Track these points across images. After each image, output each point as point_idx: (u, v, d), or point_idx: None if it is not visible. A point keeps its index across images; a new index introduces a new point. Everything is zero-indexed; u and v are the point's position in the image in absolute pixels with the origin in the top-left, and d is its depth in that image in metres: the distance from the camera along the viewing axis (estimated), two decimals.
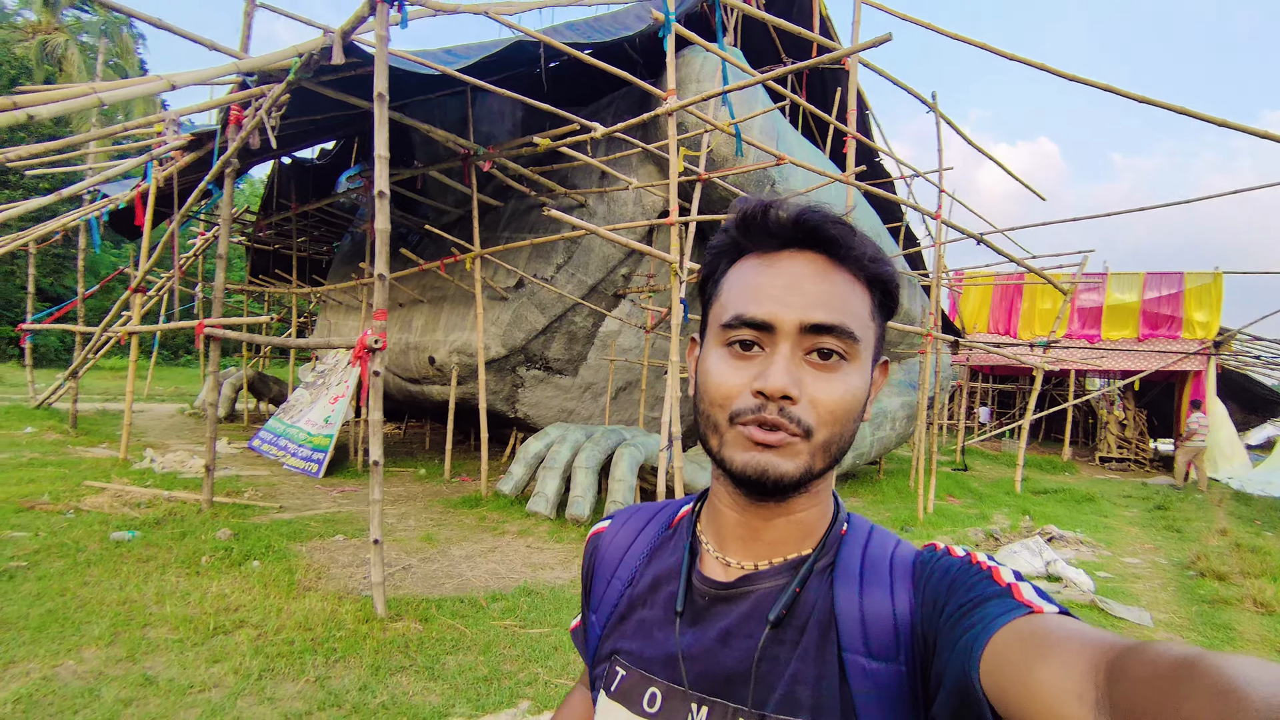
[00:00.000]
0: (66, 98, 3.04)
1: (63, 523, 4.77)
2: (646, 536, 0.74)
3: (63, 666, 2.82)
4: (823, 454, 0.58)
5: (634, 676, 0.65)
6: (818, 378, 0.58)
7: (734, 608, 0.62)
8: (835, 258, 0.59)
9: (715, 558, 0.66)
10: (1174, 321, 13.50)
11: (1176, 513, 8.83)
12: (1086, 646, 0.41)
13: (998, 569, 0.54)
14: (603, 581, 0.74)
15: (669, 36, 4.86)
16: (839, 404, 0.57)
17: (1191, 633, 4.19)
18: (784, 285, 0.58)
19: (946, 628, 0.52)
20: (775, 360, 0.57)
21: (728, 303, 0.61)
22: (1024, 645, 0.44)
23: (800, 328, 0.57)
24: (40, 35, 20.44)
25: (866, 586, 0.60)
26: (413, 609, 3.68)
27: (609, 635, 0.69)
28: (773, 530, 0.63)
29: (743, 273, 0.62)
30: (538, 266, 7.52)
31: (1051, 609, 0.48)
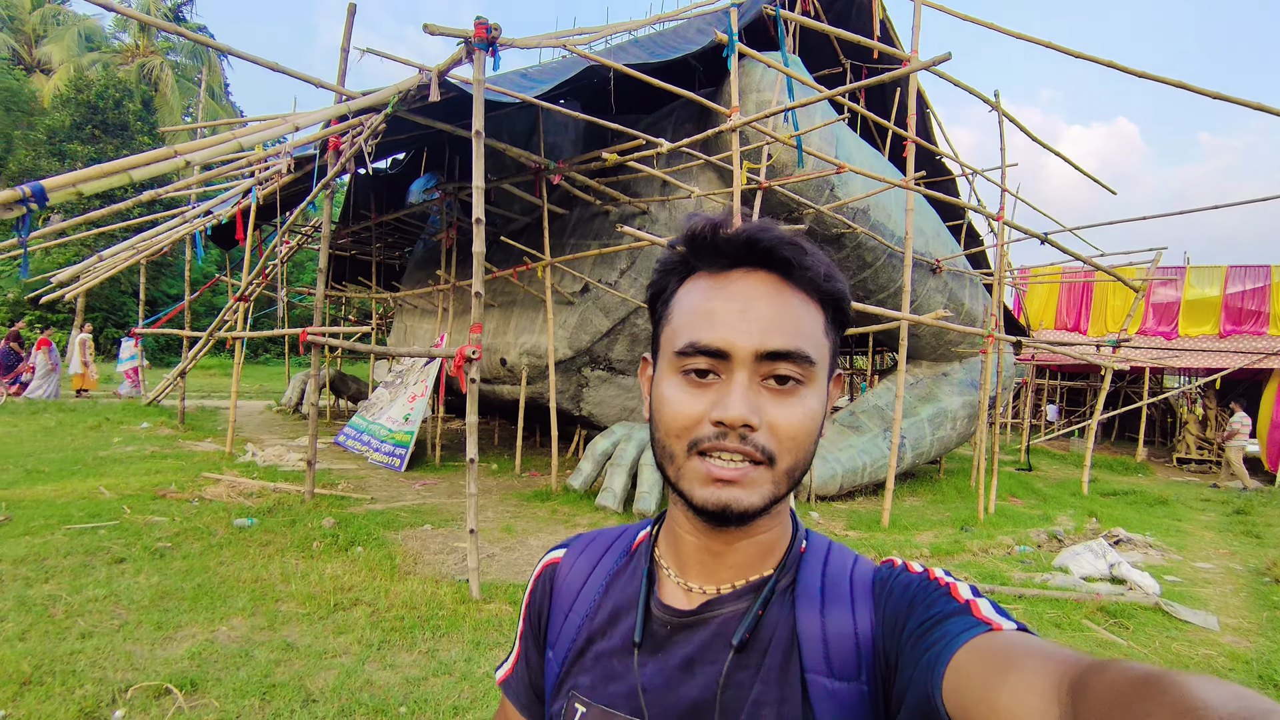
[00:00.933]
0: (214, 144, 3.54)
1: (191, 510, 5.40)
2: (604, 565, 0.72)
3: (219, 631, 3.31)
4: (786, 479, 0.58)
5: (594, 712, 0.63)
6: (776, 403, 0.57)
7: (696, 634, 0.62)
8: (788, 277, 0.59)
9: (676, 583, 0.65)
10: (1260, 317, 12.86)
11: (1258, 517, 8.52)
12: (1049, 664, 0.41)
13: (955, 585, 0.54)
14: (560, 615, 0.72)
15: (733, 56, 5.10)
16: (799, 429, 0.57)
17: (1259, 638, 4.20)
18: (738, 309, 0.57)
19: (908, 646, 0.52)
20: (733, 389, 0.56)
21: (680, 327, 0.60)
22: (985, 663, 0.44)
23: (757, 354, 0.56)
24: (139, 59, 22.06)
25: (828, 606, 0.59)
26: (502, 593, 4.07)
27: (568, 672, 0.67)
28: (734, 553, 0.62)
29: (694, 293, 0.61)
30: (602, 272, 7.88)
31: (1010, 625, 0.48)
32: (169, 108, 22.79)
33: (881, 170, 7.79)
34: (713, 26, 7.09)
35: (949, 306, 8.64)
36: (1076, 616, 4.33)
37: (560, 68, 5.83)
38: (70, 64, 21.33)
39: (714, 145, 6.96)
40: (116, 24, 24.85)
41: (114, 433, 8.94)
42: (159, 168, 3.26)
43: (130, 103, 20.75)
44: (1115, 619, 4.32)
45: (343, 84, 5.70)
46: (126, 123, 20.49)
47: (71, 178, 3.00)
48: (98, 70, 21.39)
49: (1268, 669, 3.65)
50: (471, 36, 3.51)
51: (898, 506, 7.50)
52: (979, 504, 7.36)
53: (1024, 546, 6.26)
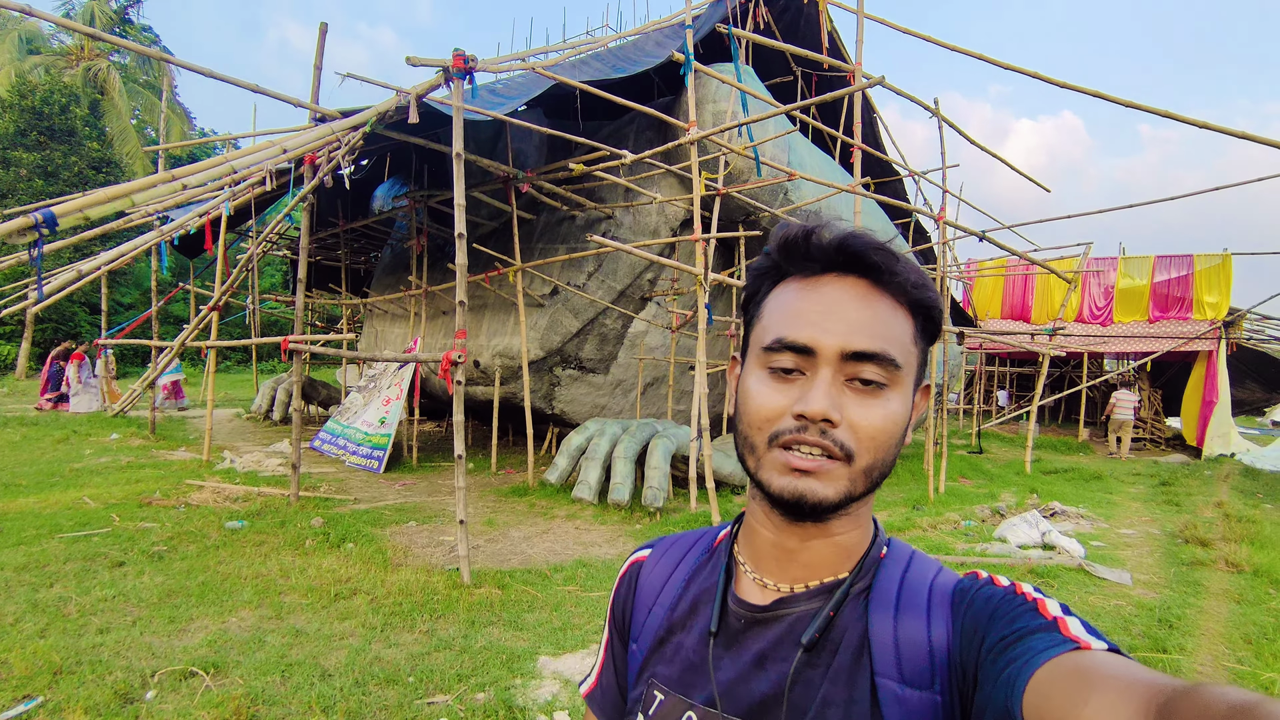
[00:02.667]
0: (209, 168, 3.77)
1: (180, 515, 5.56)
2: (687, 563, 0.75)
3: (230, 622, 3.57)
4: (864, 479, 0.58)
5: (671, 700, 0.65)
6: (859, 403, 0.58)
7: (768, 631, 0.63)
8: (878, 283, 0.59)
9: (752, 579, 0.67)
10: (1184, 303, 13.83)
11: (1180, 488, 9.29)
12: (1136, 686, 0.40)
13: (1044, 601, 0.53)
14: (644, 609, 0.74)
15: (689, 74, 5.48)
16: (880, 430, 0.57)
17: (1165, 590, 4.77)
18: (825, 310, 0.59)
19: (988, 660, 0.51)
20: (816, 384, 0.57)
21: (769, 325, 0.61)
22: (1070, 682, 0.43)
23: (842, 354, 0.57)
24: (84, 62, 21.46)
25: (902, 613, 0.59)
26: (490, 579, 4.39)
27: (649, 661, 0.70)
28: (809, 552, 0.63)
29: (784, 296, 0.62)
30: (571, 275, 8.20)
31: (1100, 645, 0.47)
32: (116, 111, 22.23)
33: (832, 175, 8.28)
34: (670, 40, 7.48)
35: None
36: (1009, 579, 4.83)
37: (527, 84, 6.13)
38: (11, 68, 20.65)
39: (674, 155, 7.35)
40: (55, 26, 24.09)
41: (84, 445, 8.92)
42: (159, 191, 3.48)
43: (77, 107, 20.21)
44: (1042, 579, 4.85)
45: (316, 102, 5.90)
46: (74, 128, 19.96)
47: (80, 203, 3.22)
48: (40, 74, 20.76)
49: (1167, 614, 4.20)
50: (451, 66, 3.80)
51: None
52: (929, 485, 7.91)
53: (969, 521, 6.81)
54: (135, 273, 21.89)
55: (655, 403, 9.63)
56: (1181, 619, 4.11)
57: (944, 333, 8.45)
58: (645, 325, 8.92)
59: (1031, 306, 15.48)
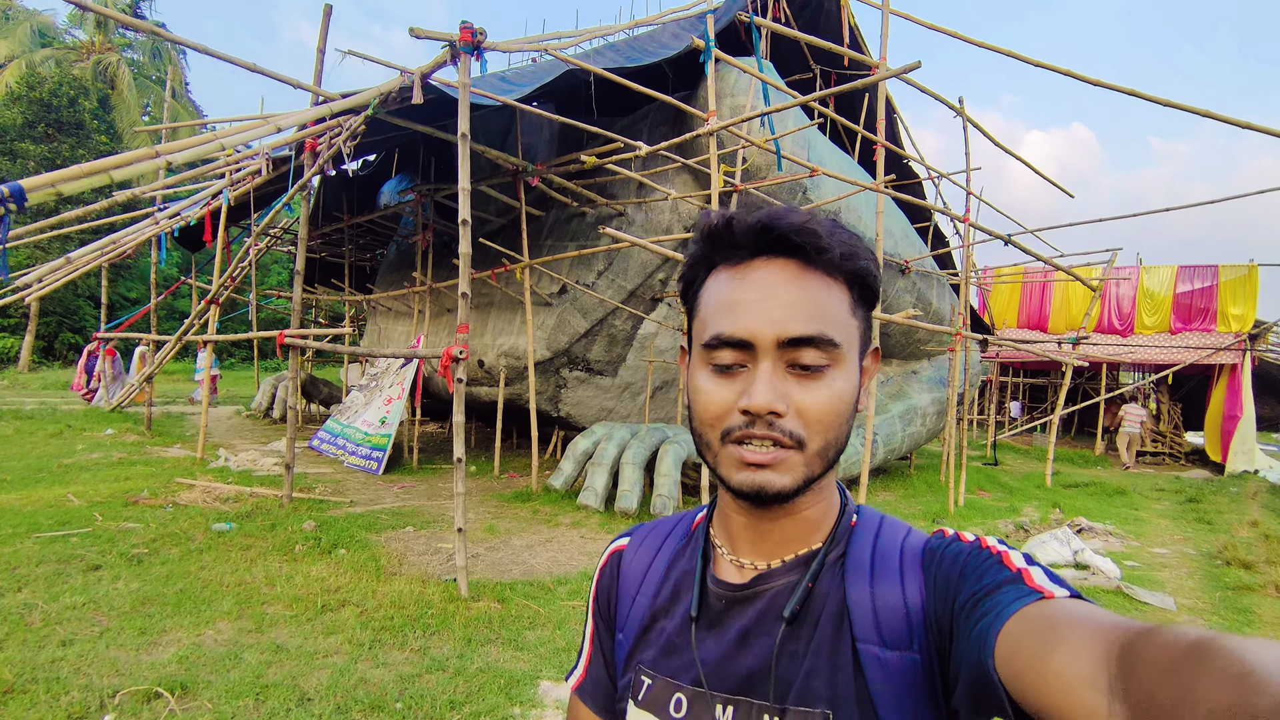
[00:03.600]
0: (195, 144, 3.51)
1: (166, 516, 5.30)
2: (667, 549, 0.75)
3: (205, 635, 3.29)
4: (819, 460, 0.59)
5: (659, 684, 0.67)
6: (803, 388, 0.58)
7: (750, 608, 0.64)
8: (807, 262, 0.59)
9: (729, 560, 0.68)
10: (1208, 314, 13.45)
11: (1208, 505, 8.94)
12: (1099, 631, 0.41)
13: (1007, 553, 0.54)
14: (628, 599, 0.75)
15: (710, 61, 5.20)
16: (827, 411, 0.58)
17: (1213, 616, 4.44)
18: (758, 299, 0.59)
19: (961, 616, 0.52)
20: (758, 377, 0.58)
21: (706, 319, 0.62)
22: (1036, 631, 0.44)
23: (779, 341, 0.58)
24: (94, 56, 21.40)
25: (877, 577, 0.60)
26: (490, 591, 4.10)
27: (636, 647, 0.71)
28: (780, 530, 0.64)
29: (717, 285, 0.62)
30: (580, 273, 7.93)
31: (1063, 593, 0.48)
32: (126, 106, 22.14)
33: (852, 174, 7.99)
34: (687, 31, 7.21)
35: (918, 306, 8.89)
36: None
37: (539, 71, 5.87)
38: (22, 60, 20.57)
39: (690, 148, 7.07)
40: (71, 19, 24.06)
41: (77, 440, 8.69)
42: (139, 168, 3.22)
43: (86, 100, 20.12)
44: None
45: (319, 84, 5.66)
46: (82, 121, 19.87)
47: (51, 178, 2.96)
48: (51, 67, 20.69)
49: None
50: (457, 40, 3.54)
51: (871, 501, 7.70)
52: (949, 498, 7.59)
53: (993, 538, 6.48)
54: (141, 266, 21.75)
55: (664, 407, 9.34)
56: None
57: (965, 340, 8.14)
58: (656, 327, 8.63)
59: (1049, 315, 15.12)
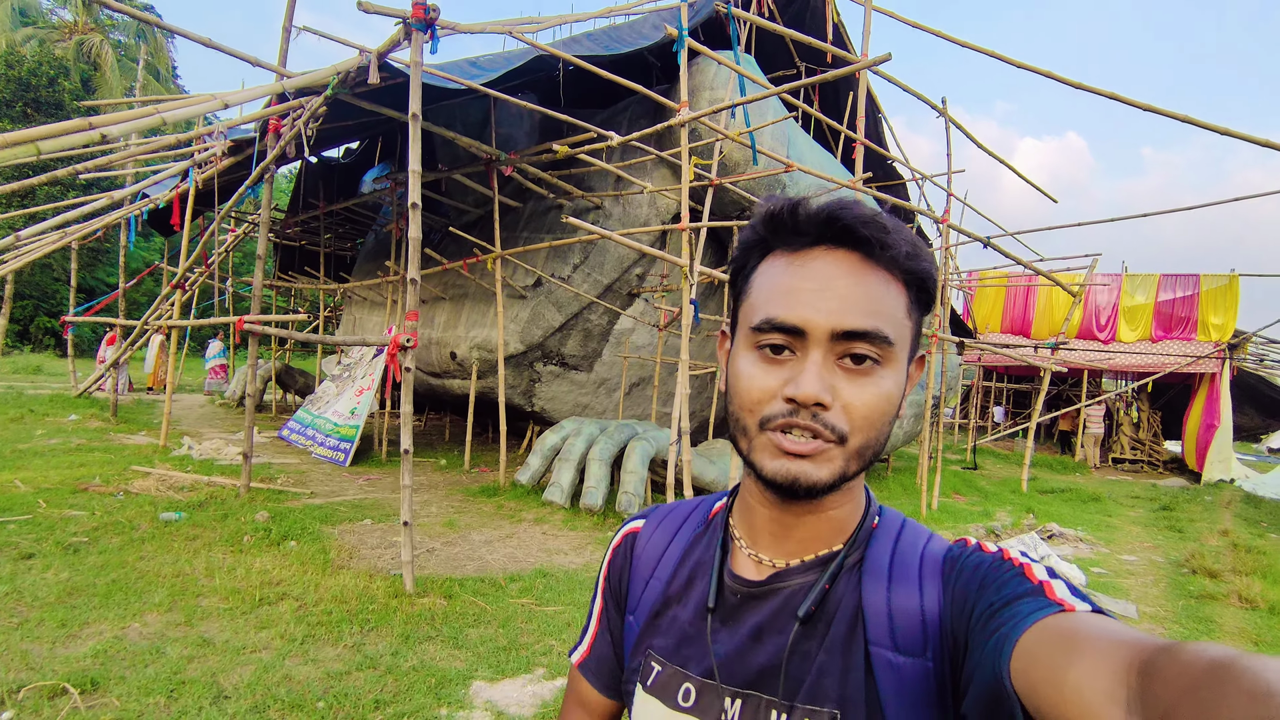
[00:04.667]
0: (135, 118, 3.38)
1: (115, 504, 5.15)
2: (683, 535, 0.75)
3: (130, 628, 3.16)
4: (857, 459, 0.58)
5: (669, 671, 0.66)
6: (851, 382, 0.57)
7: (765, 604, 0.63)
8: (869, 256, 0.58)
9: (748, 554, 0.67)
10: (1189, 323, 13.50)
11: (1181, 513, 8.94)
12: (1119, 645, 0.40)
13: (1029, 565, 0.53)
14: (641, 582, 0.74)
15: (682, 51, 5.10)
16: (873, 409, 0.57)
17: (1173, 625, 4.39)
18: (815, 288, 0.57)
19: (978, 626, 0.51)
20: (807, 366, 0.56)
21: (757, 303, 0.60)
22: (1055, 643, 0.43)
23: (833, 333, 0.56)
24: (77, 36, 21.05)
25: (895, 582, 0.60)
26: (437, 587, 3.99)
27: (646, 632, 0.71)
28: (804, 527, 0.63)
29: (773, 271, 0.61)
30: (555, 266, 7.81)
31: (1084, 607, 0.47)
32: (109, 87, 21.78)
33: (833, 172, 7.91)
34: (668, 22, 7.10)
35: None
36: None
37: (510, 57, 5.75)
38: (2, 38, 20.21)
39: (666, 141, 6.97)
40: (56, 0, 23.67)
41: (38, 425, 8.49)
42: (70, 139, 3.09)
43: (65, 80, 19.77)
44: None
45: (284, 64, 5.52)
46: (61, 101, 19.51)
47: None
48: (32, 46, 20.33)
49: None
50: (409, 17, 3.42)
51: None
52: (921, 500, 7.54)
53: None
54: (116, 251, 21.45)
55: (640, 404, 9.24)
56: None
57: (942, 343, 8.09)
58: (632, 323, 8.54)
59: (1033, 321, 15.13)
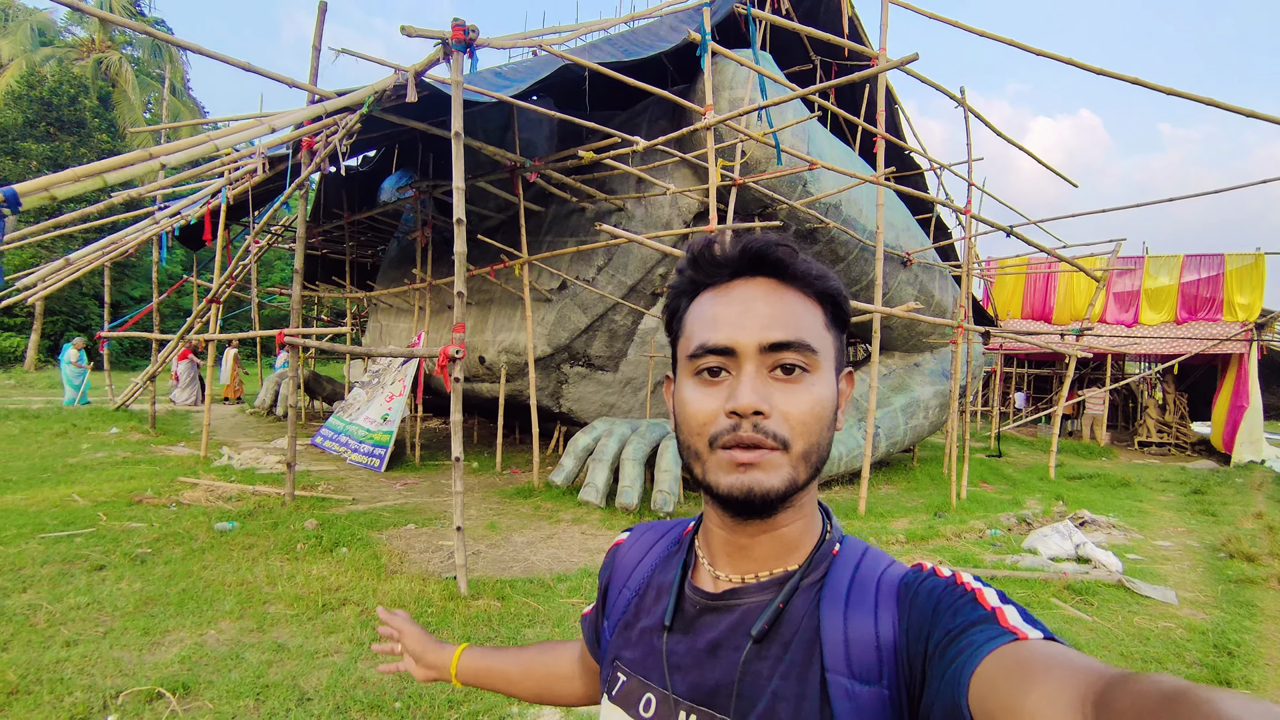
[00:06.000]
0: (190, 146, 3.51)
1: (169, 515, 5.34)
2: (656, 551, 0.78)
3: (208, 635, 3.31)
4: (804, 464, 0.60)
5: (632, 682, 0.69)
6: (785, 391, 0.60)
7: (721, 619, 0.65)
8: (783, 279, 0.63)
9: (707, 570, 0.70)
10: (1214, 304, 13.34)
11: (1213, 496, 8.90)
12: (1074, 675, 0.41)
13: (981, 591, 0.55)
14: (616, 590, 0.78)
15: (706, 55, 5.17)
16: (809, 413, 0.60)
17: (1215, 610, 4.42)
18: (739, 310, 0.62)
19: (935, 655, 0.52)
20: (742, 380, 0.60)
21: (691, 335, 0.65)
22: (1010, 673, 0.44)
23: (760, 347, 0.60)
24: (95, 54, 21.40)
25: (851, 608, 0.61)
26: (489, 589, 4.12)
27: (615, 641, 0.74)
28: (759, 546, 0.65)
29: (701, 307, 0.65)
30: (580, 269, 7.91)
31: (1036, 634, 0.48)
32: (128, 104, 22.16)
33: (852, 166, 7.94)
34: (684, 24, 7.16)
35: (919, 299, 8.84)
36: (1045, 595, 4.51)
37: (534, 66, 5.84)
38: (23, 60, 20.59)
39: (689, 143, 7.03)
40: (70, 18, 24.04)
41: (82, 439, 8.74)
42: (134, 170, 3.22)
43: (86, 99, 20.13)
44: (1081, 596, 4.52)
45: (315, 83, 5.65)
46: (83, 119, 19.89)
47: (44, 182, 2.97)
48: (52, 66, 20.70)
49: (1222, 639, 3.86)
50: (449, 38, 3.53)
51: (873, 495, 7.69)
52: (951, 490, 7.57)
53: (995, 530, 6.47)
54: (144, 265, 21.82)
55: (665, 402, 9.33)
56: (1241, 645, 3.76)
57: (968, 331, 8.10)
58: (656, 322, 8.62)
59: (1054, 306, 15.02)
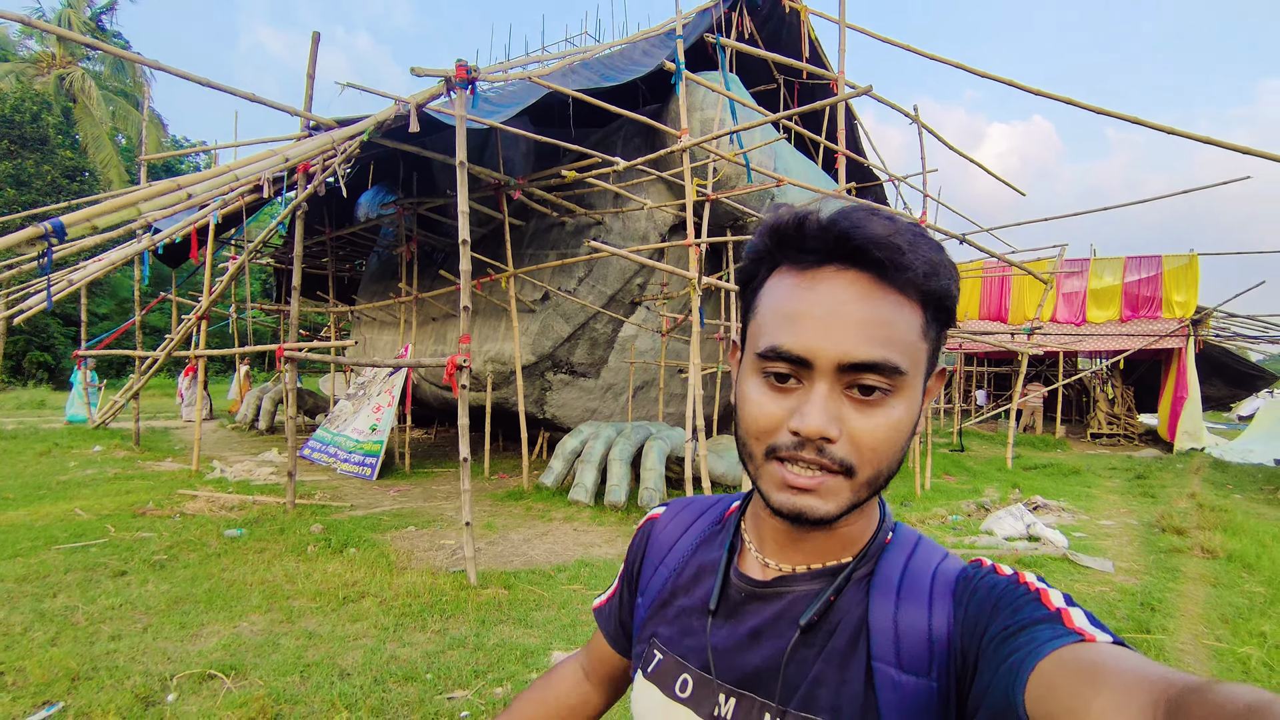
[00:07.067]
0: (212, 177, 3.80)
1: (176, 525, 5.54)
2: (696, 529, 0.76)
3: (241, 626, 3.59)
4: (866, 489, 0.56)
5: (669, 661, 0.68)
6: (859, 414, 0.55)
7: (767, 606, 0.63)
8: (882, 277, 0.55)
9: (755, 557, 0.67)
10: (1154, 302, 14.27)
11: (1154, 481, 9.61)
12: (1145, 681, 0.39)
13: (1047, 591, 0.52)
14: (651, 566, 0.76)
15: (680, 83, 5.61)
16: (882, 440, 0.55)
17: (1145, 575, 4.97)
18: (823, 314, 0.55)
19: (990, 649, 0.50)
20: (813, 399, 0.55)
21: (764, 325, 0.58)
22: (1076, 675, 0.42)
23: (839, 365, 0.54)
24: (56, 70, 21.10)
25: (904, 600, 0.59)
26: (496, 580, 4.45)
27: (651, 618, 0.72)
28: (812, 541, 0.63)
29: (780, 290, 0.58)
30: (561, 280, 8.29)
31: (1105, 638, 0.46)
32: (91, 119, 21.84)
33: (816, 180, 8.47)
34: (656, 48, 7.62)
35: None
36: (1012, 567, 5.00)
37: (519, 92, 6.22)
38: None
39: (664, 161, 7.47)
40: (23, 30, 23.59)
41: (67, 457, 8.79)
42: (165, 200, 3.52)
43: (49, 115, 19.87)
44: (1029, 568, 5.01)
45: (309, 109, 5.94)
46: (46, 136, 19.63)
47: (87, 214, 3.25)
48: (11, 82, 20.37)
49: (1148, 598, 4.39)
50: (454, 76, 3.88)
51: None
52: (916, 482, 8.10)
53: (956, 516, 7.00)
54: (111, 283, 21.52)
55: (645, 406, 9.73)
56: (1162, 602, 4.30)
57: None
58: (635, 329, 9.03)
59: (1009, 307, 15.85)
